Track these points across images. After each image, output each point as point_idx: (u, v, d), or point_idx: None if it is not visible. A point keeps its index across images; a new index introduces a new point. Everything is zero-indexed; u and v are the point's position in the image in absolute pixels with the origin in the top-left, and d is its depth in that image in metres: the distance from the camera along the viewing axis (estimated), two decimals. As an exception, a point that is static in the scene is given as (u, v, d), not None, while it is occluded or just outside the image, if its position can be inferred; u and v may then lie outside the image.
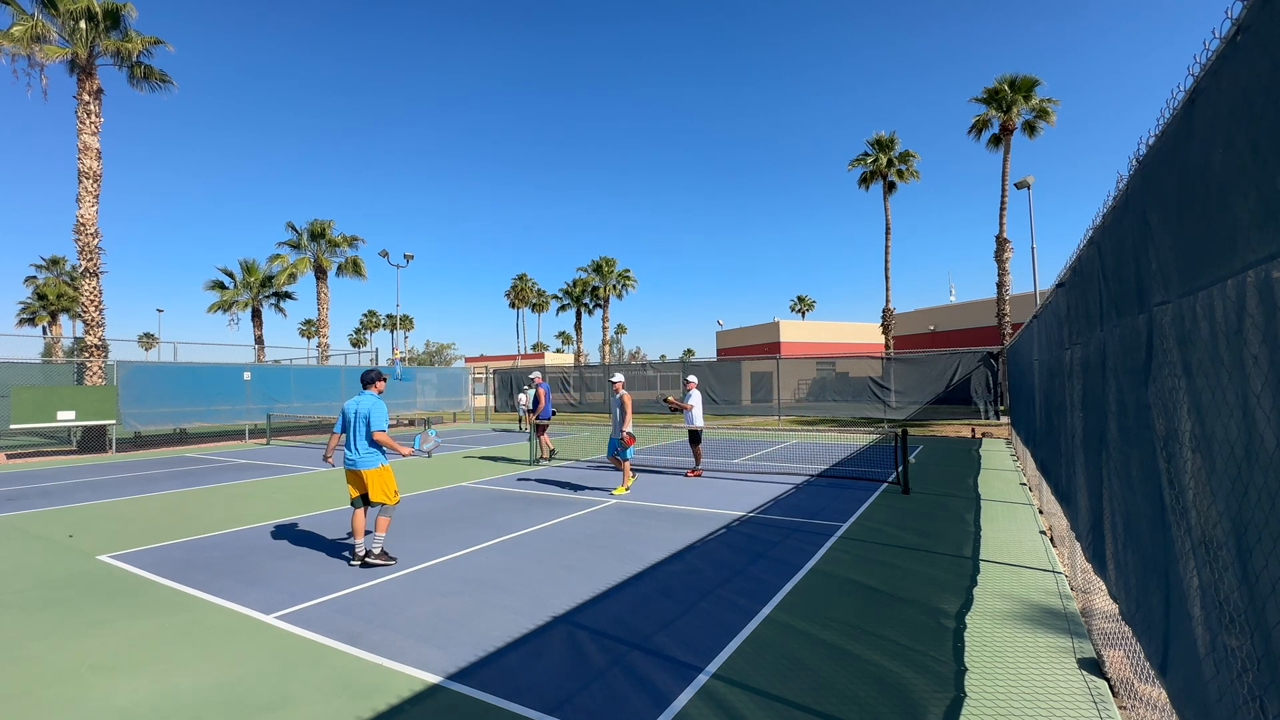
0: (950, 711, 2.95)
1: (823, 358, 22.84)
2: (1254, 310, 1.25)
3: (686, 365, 25.38)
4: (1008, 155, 21.77)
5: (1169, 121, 1.81)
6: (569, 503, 8.30)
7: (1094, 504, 3.16)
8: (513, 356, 55.31)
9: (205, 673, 3.48)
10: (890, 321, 25.75)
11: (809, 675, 3.34)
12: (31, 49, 15.84)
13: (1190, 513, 1.68)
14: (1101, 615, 3.95)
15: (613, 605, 4.42)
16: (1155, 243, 1.96)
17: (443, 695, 3.18)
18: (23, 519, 7.84)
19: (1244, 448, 1.33)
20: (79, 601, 4.72)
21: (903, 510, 7.50)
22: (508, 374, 30.39)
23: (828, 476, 10.24)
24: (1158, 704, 2.91)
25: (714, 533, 6.50)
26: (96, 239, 17.07)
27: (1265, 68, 1.18)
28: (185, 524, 7.38)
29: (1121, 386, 2.48)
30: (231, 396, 19.21)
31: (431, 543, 6.26)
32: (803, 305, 72.66)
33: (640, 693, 3.17)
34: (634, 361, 65.60)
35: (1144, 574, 2.19)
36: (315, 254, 27.17)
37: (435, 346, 77.91)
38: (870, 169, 25.59)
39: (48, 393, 15.07)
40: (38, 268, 43.51)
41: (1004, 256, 21.85)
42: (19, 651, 3.82)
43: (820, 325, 44.84)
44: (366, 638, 3.92)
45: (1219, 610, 1.46)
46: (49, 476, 11.88)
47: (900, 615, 4.18)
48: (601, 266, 41.95)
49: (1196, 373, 1.61)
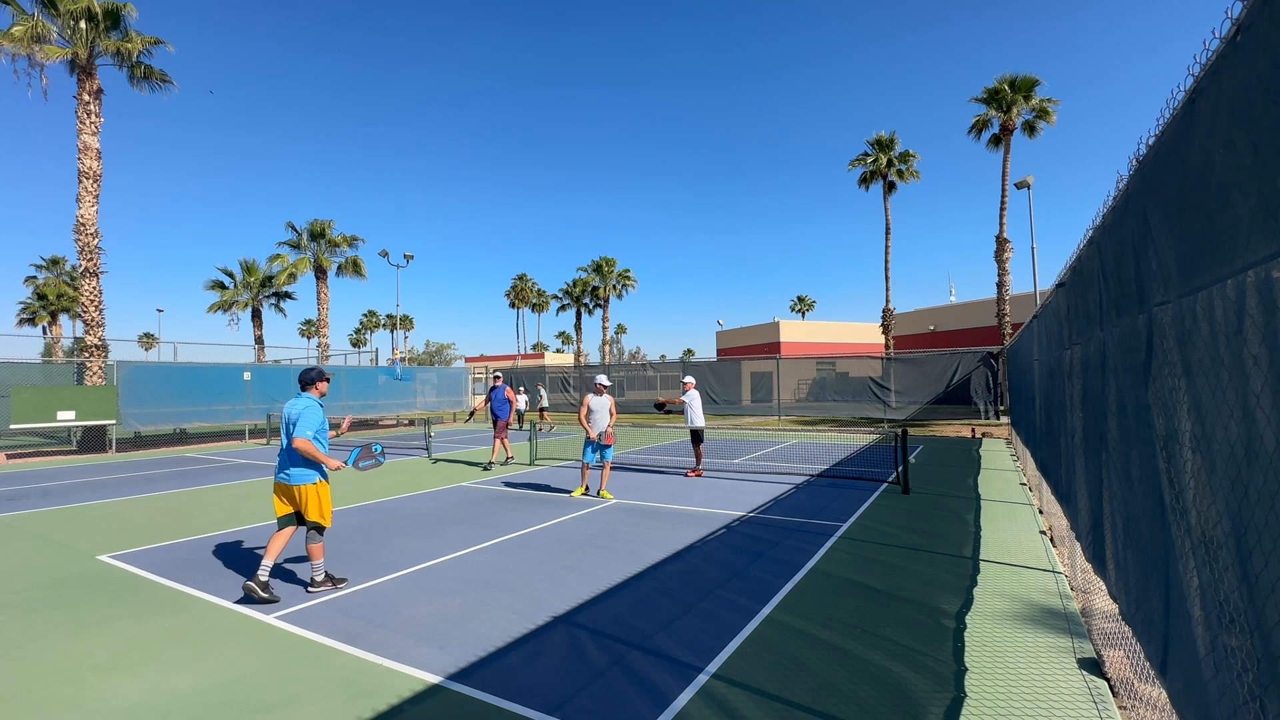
0: (950, 711, 2.95)
1: (823, 358, 22.85)
2: (1254, 310, 1.25)
3: (686, 365, 25.38)
4: (1008, 155, 21.77)
5: (1169, 121, 1.81)
6: (569, 503, 8.30)
7: (1094, 504, 3.16)
8: (513, 356, 55.30)
9: (205, 673, 3.48)
10: (890, 321, 25.75)
11: (809, 675, 3.34)
12: (31, 49, 15.84)
13: (1190, 513, 1.67)
14: (1101, 615, 3.95)
15: (613, 605, 4.42)
16: (1155, 242, 1.96)
17: (443, 695, 3.18)
18: (23, 519, 7.84)
19: (1244, 448, 1.32)
20: (79, 601, 4.72)
21: (903, 510, 7.50)
22: (508, 374, 30.41)
23: (828, 476, 10.24)
24: (1158, 704, 2.91)
25: (714, 533, 6.50)
26: (96, 239, 17.07)
27: (1265, 68, 1.18)
28: (185, 524, 7.38)
29: (1121, 386, 2.48)
30: (231, 396, 19.21)
31: (431, 543, 6.26)
32: (803, 305, 72.65)
33: (640, 693, 3.17)
34: (634, 361, 65.62)
35: (1144, 574, 2.19)
36: (315, 254, 27.16)
37: (435, 346, 77.97)
38: (870, 169, 25.58)
39: (48, 393, 15.07)
40: (38, 268, 43.52)
41: (1004, 256, 21.85)
42: (19, 651, 3.81)
43: (820, 325, 44.84)
44: (366, 638, 3.92)
45: (1219, 610, 1.46)
46: (49, 476, 11.88)
47: (900, 615, 4.18)
48: (601, 266, 41.94)
49: (1196, 373, 1.61)
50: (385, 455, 5.12)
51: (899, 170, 25.37)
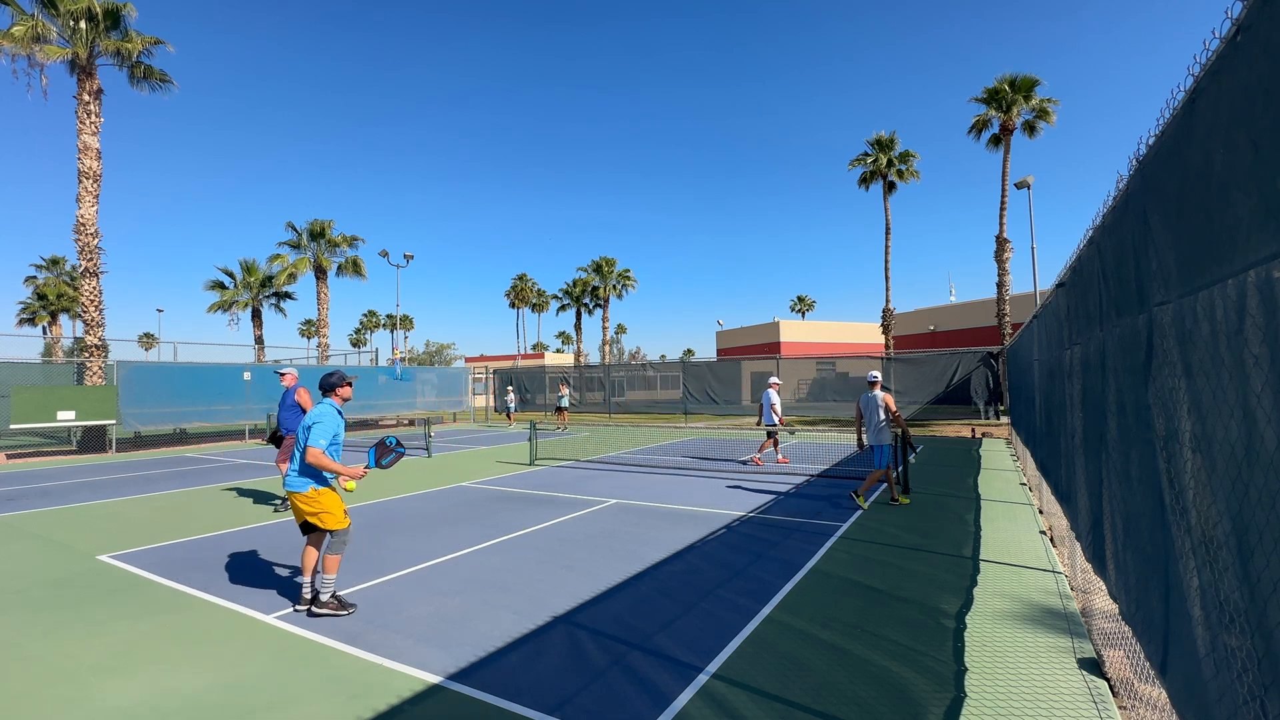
0: (950, 711, 2.95)
1: (823, 358, 22.84)
2: (1254, 310, 1.25)
3: (686, 365, 25.36)
4: (1008, 155, 21.76)
5: (1169, 121, 1.81)
6: (569, 503, 8.30)
7: (1094, 504, 3.16)
8: (513, 356, 55.29)
9: (205, 673, 3.48)
10: (890, 321, 25.74)
11: (809, 675, 3.34)
12: (31, 49, 15.84)
13: (1190, 513, 1.67)
14: (1101, 615, 3.95)
15: (613, 605, 4.42)
16: (1156, 242, 1.96)
17: (443, 695, 3.18)
18: (23, 519, 7.84)
19: (1244, 448, 1.32)
20: (79, 601, 4.72)
21: (903, 510, 7.49)
22: (508, 374, 30.41)
23: (828, 476, 10.24)
24: (1158, 704, 2.91)
25: (714, 533, 6.50)
26: (96, 239, 17.07)
27: (1265, 68, 1.18)
28: (185, 524, 7.38)
29: (1121, 386, 2.48)
30: (231, 396, 19.20)
31: (431, 543, 6.26)
32: (803, 305, 72.66)
33: (640, 693, 3.17)
34: (634, 361, 65.62)
35: (1144, 574, 2.19)
36: (315, 254, 27.17)
37: (435, 346, 77.92)
38: (870, 169, 25.58)
39: (48, 393, 15.07)
40: (38, 268, 43.52)
41: (1004, 256, 21.84)
42: (19, 651, 3.81)
43: (820, 325, 44.82)
44: (366, 638, 3.92)
45: (1219, 610, 1.46)
46: (49, 476, 11.87)
47: (900, 615, 4.17)
48: (601, 266, 41.94)
49: (1197, 373, 1.60)
50: (403, 445, 4.95)
51: (899, 170, 25.35)
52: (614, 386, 28.25)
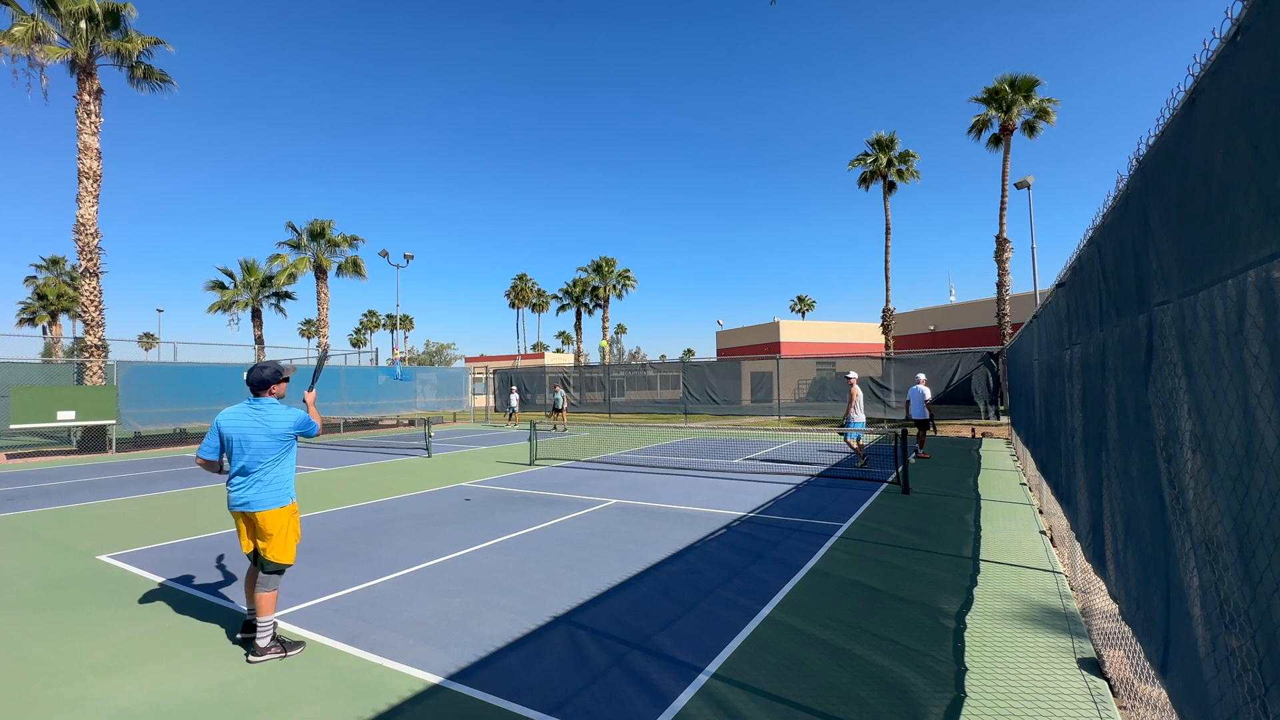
0: (950, 711, 2.95)
1: (823, 358, 22.84)
2: (1255, 310, 1.25)
3: (687, 365, 25.36)
4: (1008, 155, 21.75)
5: (1169, 121, 1.81)
6: (569, 503, 8.30)
7: (1094, 504, 3.16)
8: (513, 356, 55.28)
9: (205, 673, 3.48)
10: (890, 321, 25.73)
11: (809, 675, 3.34)
12: (32, 49, 15.85)
13: (1190, 513, 1.67)
14: (1101, 615, 3.95)
15: (613, 605, 4.42)
16: (1156, 242, 1.96)
17: (443, 695, 3.18)
18: (23, 519, 7.84)
19: (1244, 448, 1.32)
20: (79, 601, 4.72)
21: (903, 510, 7.50)
22: (508, 374, 30.40)
23: (828, 476, 10.24)
24: (1158, 704, 2.91)
25: (714, 533, 6.50)
26: (96, 239, 17.07)
27: (1265, 68, 1.18)
28: (185, 524, 7.38)
29: (1121, 386, 2.48)
30: (231, 396, 19.18)
31: (431, 543, 6.26)
32: (803, 305, 72.64)
33: (641, 693, 3.17)
34: (634, 361, 65.62)
35: (1144, 574, 2.19)
36: (315, 254, 27.15)
37: (435, 346, 77.87)
38: (870, 169, 25.57)
39: (48, 393, 15.07)
40: (38, 268, 43.49)
41: (1004, 256, 21.83)
42: (19, 651, 3.81)
43: (820, 325, 44.78)
44: (366, 638, 3.92)
45: (1219, 610, 1.46)
46: (49, 476, 11.88)
47: (900, 615, 4.17)
48: (601, 266, 41.93)
49: (1197, 373, 1.60)
50: (327, 351, 4.71)
51: (899, 170, 25.35)
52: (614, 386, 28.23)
